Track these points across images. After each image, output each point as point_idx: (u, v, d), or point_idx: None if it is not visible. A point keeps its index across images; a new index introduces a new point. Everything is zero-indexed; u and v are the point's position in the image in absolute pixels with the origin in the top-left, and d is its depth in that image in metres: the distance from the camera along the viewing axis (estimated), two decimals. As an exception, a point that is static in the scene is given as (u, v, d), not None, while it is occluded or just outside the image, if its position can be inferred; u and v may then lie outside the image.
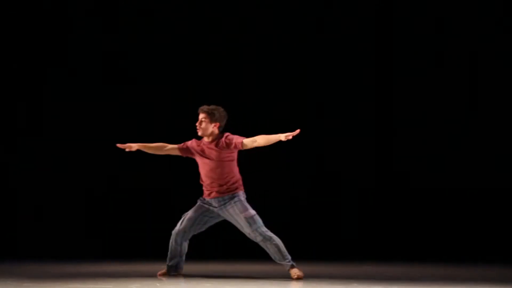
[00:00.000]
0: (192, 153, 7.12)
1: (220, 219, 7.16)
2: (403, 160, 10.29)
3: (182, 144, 7.18)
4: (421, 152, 10.26)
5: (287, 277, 7.06)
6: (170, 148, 7.19)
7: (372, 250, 10.01)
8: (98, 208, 10.36)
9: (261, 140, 6.81)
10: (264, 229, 6.98)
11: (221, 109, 7.05)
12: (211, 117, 6.99)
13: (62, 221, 10.28)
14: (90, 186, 10.36)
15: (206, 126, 7.00)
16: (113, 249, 10.02)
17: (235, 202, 6.98)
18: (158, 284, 6.50)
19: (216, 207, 7.04)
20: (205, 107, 7.04)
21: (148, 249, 9.84)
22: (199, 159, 7.10)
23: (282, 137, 6.69)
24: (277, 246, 6.97)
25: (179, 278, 7.03)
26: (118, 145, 7.18)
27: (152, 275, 7.13)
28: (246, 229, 6.98)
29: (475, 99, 10.23)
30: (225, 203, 7.00)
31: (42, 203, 10.32)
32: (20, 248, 10.03)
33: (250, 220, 6.94)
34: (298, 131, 6.70)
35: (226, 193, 7.00)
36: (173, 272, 7.17)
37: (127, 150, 7.18)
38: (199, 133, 7.06)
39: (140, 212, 10.32)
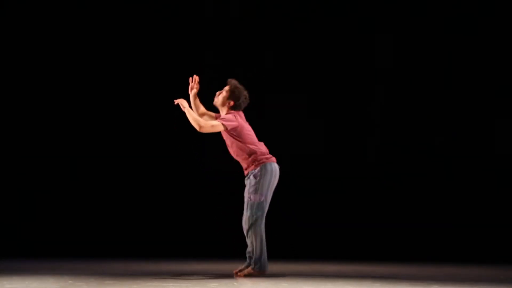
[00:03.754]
0: None
1: None
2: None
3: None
4: None
5: (366, 276, 7.07)
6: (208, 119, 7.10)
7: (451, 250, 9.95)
8: (179, 206, 10.48)
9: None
10: (261, 223, 6.91)
11: (244, 92, 7.01)
12: (231, 94, 6.99)
13: (142, 220, 10.45)
14: (169, 184, 10.52)
15: (222, 100, 7.02)
16: (192, 248, 10.14)
17: (249, 178, 6.98)
18: (235, 283, 6.56)
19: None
20: (232, 82, 7.04)
21: (226, 248, 9.94)
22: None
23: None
24: (261, 248, 6.93)
25: (256, 277, 7.07)
26: (176, 100, 7.02)
27: (229, 274, 7.20)
28: (245, 211, 6.95)
29: None
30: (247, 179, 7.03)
31: (125, 202, 10.51)
32: (102, 246, 10.22)
33: (251, 204, 6.92)
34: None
35: (248, 170, 7.01)
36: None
37: (176, 103, 7.00)
38: (214, 101, 7.07)
39: (222, 210, 10.40)
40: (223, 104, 7.07)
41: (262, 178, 6.96)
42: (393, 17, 10.45)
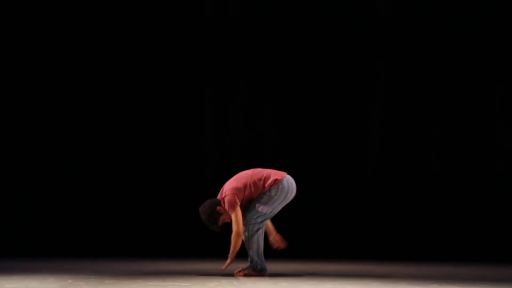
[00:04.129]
0: None
1: None
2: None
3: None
4: None
5: (365, 275, 7.08)
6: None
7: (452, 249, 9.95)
8: (178, 206, 10.49)
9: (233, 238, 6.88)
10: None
11: (207, 216, 6.92)
12: (219, 218, 6.92)
13: (142, 220, 10.45)
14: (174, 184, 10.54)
15: (228, 216, 6.93)
16: (192, 247, 10.14)
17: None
18: (235, 283, 6.56)
19: None
20: (216, 228, 6.98)
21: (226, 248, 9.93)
22: None
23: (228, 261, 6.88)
24: (257, 253, 6.98)
25: (256, 277, 7.08)
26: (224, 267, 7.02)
27: (229, 274, 7.21)
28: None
29: None
30: None
31: (125, 202, 10.52)
32: (102, 246, 10.22)
33: (258, 213, 6.95)
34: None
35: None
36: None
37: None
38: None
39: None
40: (225, 219, 6.98)
41: (278, 195, 7.00)
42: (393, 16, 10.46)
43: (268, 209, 6.97)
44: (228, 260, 6.95)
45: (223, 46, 10.60)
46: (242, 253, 7.27)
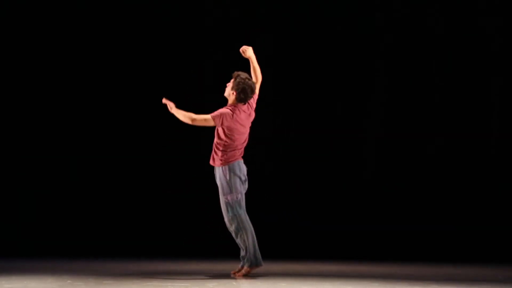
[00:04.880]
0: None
1: None
2: None
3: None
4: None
5: (364, 276, 7.08)
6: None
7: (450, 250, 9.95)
8: (178, 206, 10.49)
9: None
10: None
11: (249, 83, 7.03)
12: (235, 85, 7.04)
13: (141, 220, 10.45)
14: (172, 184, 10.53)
15: (228, 91, 7.11)
16: (191, 248, 10.13)
17: (218, 177, 7.11)
18: (234, 283, 6.56)
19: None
20: (236, 74, 7.08)
21: (226, 248, 9.93)
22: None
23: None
24: (253, 242, 6.97)
25: (255, 276, 7.08)
26: (164, 99, 7.13)
27: (228, 274, 7.20)
28: (225, 213, 7.01)
29: None
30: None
31: (124, 202, 10.52)
32: (101, 246, 10.22)
33: (230, 205, 6.98)
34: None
35: (214, 163, 7.21)
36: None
37: (164, 101, 7.12)
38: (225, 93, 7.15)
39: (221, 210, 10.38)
40: (229, 96, 7.13)
41: (232, 177, 7.02)
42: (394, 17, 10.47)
43: (236, 195, 6.99)
44: (171, 103, 7.05)
45: (223, 45, 10.60)
46: (235, 255, 7.28)
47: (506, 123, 10.18)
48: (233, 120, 7.02)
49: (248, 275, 6.98)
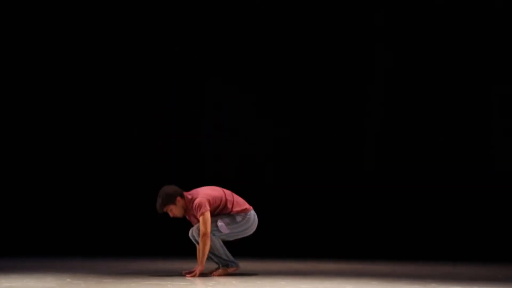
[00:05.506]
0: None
1: None
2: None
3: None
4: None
5: (364, 274, 7.08)
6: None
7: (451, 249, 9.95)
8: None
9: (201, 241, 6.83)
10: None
11: (165, 194, 6.92)
12: (170, 205, 6.91)
13: (141, 219, 10.45)
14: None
15: (178, 211, 6.97)
16: (191, 247, 10.13)
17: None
18: (234, 282, 6.57)
19: None
20: (159, 207, 6.93)
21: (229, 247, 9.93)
22: None
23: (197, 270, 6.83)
24: (223, 251, 6.99)
25: (255, 276, 7.08)
26: (187, 276, 6.92)
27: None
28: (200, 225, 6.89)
29: None
30: None
31: (124, 201, 10.52)
32: (101, 245, 10.23)
33: (218, 227, 6.94)
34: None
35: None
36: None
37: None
38: (180, 217, 7.05)
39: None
40: (185, 212, 7.01)
41: (242, 222, 6.99)
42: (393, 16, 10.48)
43: (226, 230, 6.95)
44: (200, 267, 6.85)
45: (223, 44, 10.63)
46: (241, 253, 7.28)
47: (506, 123, 10.18)
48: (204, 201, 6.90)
49: (226, 275, 6.99)
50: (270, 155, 10.54)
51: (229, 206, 6.99)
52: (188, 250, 9.33)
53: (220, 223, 6.94)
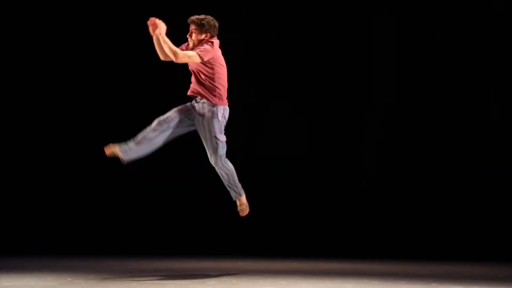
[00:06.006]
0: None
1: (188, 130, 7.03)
2: None
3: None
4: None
5: (364, 274, 7.08)
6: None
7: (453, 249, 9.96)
8: (177, 205, 10.49)
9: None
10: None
11: (211, 19, 6.75)
12: (201, 28, 6.72)
13: (141, 218, 10.46)
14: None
15: (197, 37, 6.75)
16: (191, 246, 10.15)
17: (214, 116, 6.79)
18: (234, 281, 6.58)
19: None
20: (194, 17, 6.74)
21: (225, 246, 9.95)
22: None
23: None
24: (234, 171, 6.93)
25: (255, 275, 7.08)
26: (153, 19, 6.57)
27: (228, 272, 7.21)
28: (211, 152, 6.85)
29: None
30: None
31: (124, 200, 10.53)
32: (101, 244, 10.23)
33: (221, 145, 6.84)
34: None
35: (207, 99, 6.81)
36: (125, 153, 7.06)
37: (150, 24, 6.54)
38: (191, 45, 6.78)
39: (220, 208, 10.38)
40: (200, 43, 6.73)
41: (226, 120, 6.86)
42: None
43: (224, 137, 6.84)
44: (162, 24, 6.52)
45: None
46: (240, 252, 7.28)
47: (506, 124, 10.20)
48: (215, 49, 6.71)
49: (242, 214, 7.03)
50: (270, 155, 10.54)
51: (220, 88, 6.75)
52: (188, 250, 9.38)
53: (221, 138, 6.81)
